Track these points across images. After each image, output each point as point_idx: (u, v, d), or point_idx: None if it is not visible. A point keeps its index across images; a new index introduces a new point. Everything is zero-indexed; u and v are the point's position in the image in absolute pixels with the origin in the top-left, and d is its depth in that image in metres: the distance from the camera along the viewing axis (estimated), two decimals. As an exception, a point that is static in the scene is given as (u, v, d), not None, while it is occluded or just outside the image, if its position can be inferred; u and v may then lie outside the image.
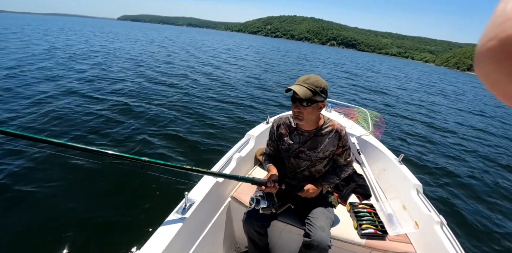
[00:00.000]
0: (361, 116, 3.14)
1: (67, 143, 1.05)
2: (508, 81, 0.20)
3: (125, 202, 2.49)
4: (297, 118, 1.31)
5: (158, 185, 2.70)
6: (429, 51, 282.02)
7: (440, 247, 1.41)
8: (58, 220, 2.19)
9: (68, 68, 8.18)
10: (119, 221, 2.23)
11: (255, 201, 1.31)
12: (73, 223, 2.17)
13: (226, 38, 61.60)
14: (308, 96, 1.20)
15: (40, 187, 2.55)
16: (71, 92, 5.61)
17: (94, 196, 2.56)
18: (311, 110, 1.25)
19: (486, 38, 0.20)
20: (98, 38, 21.22)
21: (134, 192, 2.63)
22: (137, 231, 2.07)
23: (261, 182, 1.35)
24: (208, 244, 1.55)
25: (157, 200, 2.54)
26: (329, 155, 1.42)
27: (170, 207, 1.39)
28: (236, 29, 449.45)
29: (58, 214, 2.26)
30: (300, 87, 1.21)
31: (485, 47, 0.21)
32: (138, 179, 2.76)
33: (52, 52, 11.13)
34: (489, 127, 8.45)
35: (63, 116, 4.23)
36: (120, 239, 2.04)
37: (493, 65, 0.21)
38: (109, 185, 2.69)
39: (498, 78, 0.21)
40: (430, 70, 59.18)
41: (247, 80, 9.88)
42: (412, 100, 11.08)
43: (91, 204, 2.41)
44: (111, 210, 2.35)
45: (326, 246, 1.30)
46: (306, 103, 1.22)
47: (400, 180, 2.01)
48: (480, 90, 22.87)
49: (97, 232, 2.12)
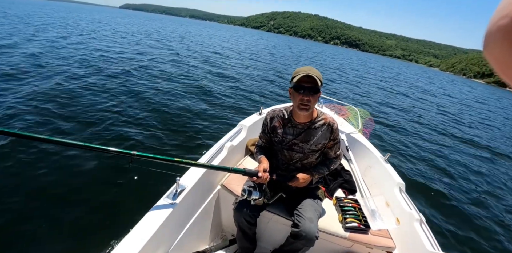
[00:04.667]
0: (352, 114, 3.19)
1: (52, 138, 1.05)
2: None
3: (113, 194, 2.48)
4: (303, 109, 1.33)
5: (148, 177, 2.69)
6: (433, 55, 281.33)
7: (418, 243, 1.47)
8: (45, 213, 2.19)
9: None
10: (107, 210, 2.26)
11: (247, 192, 1.33)
12: (57, 215, 2.16)
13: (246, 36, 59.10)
14: (318, 85, 1.26)
15: (25, 180, 2.51)
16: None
17: (79, 191, 2.49)
18: (316, 99, 1.32)
19: (498, 17, 0.20)
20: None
21: (123, 185, 2.61)
22: (125, 216, 2.12)
23: (252, 172, 1.36)
24: (195, 231, 1.58)
25: (146, 191, 2.52)
26: (321, 148, 1.46)
27: (159, 195, 1.40)
28: (239, 23, 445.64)
29: (46, 207, 2.25)
30: (314, 73, 1.26)
31: (496, 25, 0.20)
32: (127, 173, 2.73)
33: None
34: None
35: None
36: (108, 225, 2.09)
37: (505, 44, 0.19)
38: (97, 179, 2.64)
39: (510, 59, 0.20)
40: (452, 79, 55.47)
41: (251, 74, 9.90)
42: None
43: (77, 198, 2.38)
44: (97, 202, 2.35)
45: (313, 236, 1.33)
46: (316, 91, 1.28)
47: (384, 178, 2.08)
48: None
49: (84, 219, 2.14)
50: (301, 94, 1.29)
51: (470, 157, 5.90)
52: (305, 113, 1.36)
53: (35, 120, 3.54)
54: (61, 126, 3.49)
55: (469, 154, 6.09)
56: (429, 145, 6.10)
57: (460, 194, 3.95)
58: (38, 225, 2.03)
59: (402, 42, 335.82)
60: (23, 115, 3.62)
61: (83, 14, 39.92)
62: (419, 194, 3.58)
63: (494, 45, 0.20)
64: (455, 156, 5.67)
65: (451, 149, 6.19)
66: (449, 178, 4.47)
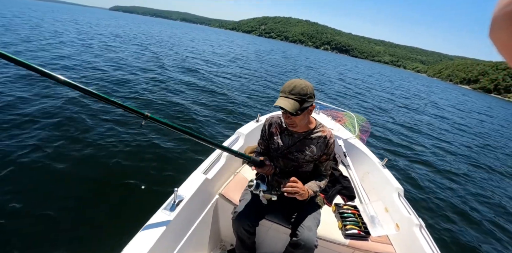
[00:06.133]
0: (348, 120, 3.21)
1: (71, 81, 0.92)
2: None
3: (109, 206, 2.41)
4: (290, 126, 1.34)
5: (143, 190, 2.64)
6: (420, 61, 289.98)
7: (418, 249, 1.47)
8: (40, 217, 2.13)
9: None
10: (104, 222, 2.20)
11: (255, 184, 1.29)
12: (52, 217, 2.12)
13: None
14: (297, 109, 1.19)
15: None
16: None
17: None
18: (302, 117, 1.27)
19: (505, 3, 0.20)
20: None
21: (120, 197, 2.54)
22: (122, 229, 2.04)
23: (258, 161, 1.37)
24: (193, 242, 1.54)
25: (144, 203, 2.45)
26: (316, 159, 1.43)
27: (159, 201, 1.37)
28: (230, 28, 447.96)
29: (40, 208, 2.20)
30: (288, 101, 1.18)
31: (503, 11, 0.20)
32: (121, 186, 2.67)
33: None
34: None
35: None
36: (104, 237, 2.02)
37: (511, 30, 0.20)
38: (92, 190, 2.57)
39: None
40: (445, 87, 55.42)
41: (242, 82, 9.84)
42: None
43: (74, 206, 2.31)
44: (93, 214, 2.28)
45: (312, 245, 1.31)
46: (296, 113, 1.22)
47: (383, 183, 2.08)
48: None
49: (80, 232, 2.07)
50: (283, 115, 1.31)
51: (470, 161, 6.01)
52: (295, 130, 1.37)
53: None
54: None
55: (469, 158, 6.20)
56: (426, 149, 6.19)
57: (459, 198, 4.00)
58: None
59: (390, 48, 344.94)
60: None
61: (65, 15, 38.06)
62: (417, 199, 3.61)
63: (500, 31, 0.21)
64: (454, 160, 5.77)
65: (450, 153, 6.30)
66: (448, 182, 4.52)
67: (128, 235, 1.14)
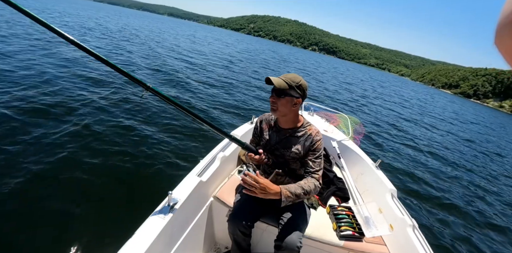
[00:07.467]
0: (343, 121, 3.25)
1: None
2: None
3: (102, 207, 2.32)
4: (272, 109, 1.36)
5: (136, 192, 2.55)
6: (404, 65, 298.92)
7: (412, 249, 1.49)
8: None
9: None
10: (97, 225, 2.11)
11: (245, 169, 1.29)
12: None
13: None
14: (282, 87, 1.27)
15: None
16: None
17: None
18: (285, 102, 1.30)
19: (510, 10, 0.20)
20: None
21: (113, 199, 2.45)
22: (115, 231, 1.98)
23: (252, 148, 1.38)
24: (188, 245, 1.51)
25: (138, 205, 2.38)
26: (301, 157, 1.40)
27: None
28: (219, 24, 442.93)
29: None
30: (278, 79, 1.29)
31: (509, 19, 0.20)
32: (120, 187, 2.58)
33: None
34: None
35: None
36: (97, 241, 1.94)
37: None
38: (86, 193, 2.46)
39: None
40: (433, 93, 55.96)
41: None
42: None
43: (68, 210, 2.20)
44: (90, 217, 2.18)
45: (294, 247, 1.30)
46: (280, 94, 1.29)
47: (376, 184, 2.11)
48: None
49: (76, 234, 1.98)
50: (270, 97, 1.36)
51: (462, 162, 6.20)
52: (275, 114, 1.40)
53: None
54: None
55: (461, 160, 6.40)
56: (419, 151, 6.36)
57: (452, 198, 4.11)
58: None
59: (376, 51, 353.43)
60: None
61: (37, 3, 32.21)
62: (410, 199, 3.68)
63: (506, 38, 0.21)
64: (446, 161, 5.94)
65: (443, 155, 6.48)
66: (440, 182, 4.65)
67: (122, 239, 1.09)
